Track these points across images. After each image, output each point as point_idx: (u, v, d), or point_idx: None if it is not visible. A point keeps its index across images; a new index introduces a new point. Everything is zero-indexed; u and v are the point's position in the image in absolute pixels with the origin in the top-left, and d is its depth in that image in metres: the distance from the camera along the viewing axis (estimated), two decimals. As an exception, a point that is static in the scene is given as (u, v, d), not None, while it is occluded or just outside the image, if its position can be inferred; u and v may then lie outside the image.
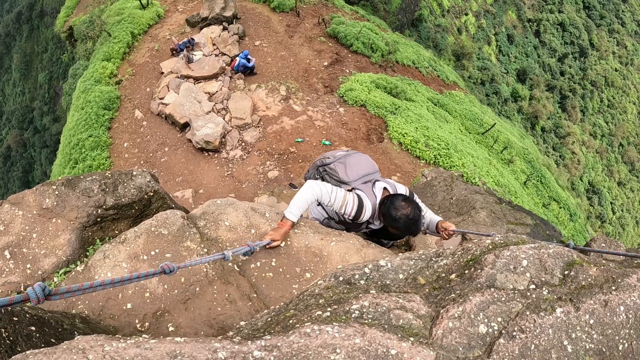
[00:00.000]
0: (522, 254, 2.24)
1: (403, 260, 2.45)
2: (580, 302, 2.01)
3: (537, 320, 1.92)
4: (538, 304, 2.00)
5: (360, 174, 5.39)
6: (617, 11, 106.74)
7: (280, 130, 19.25)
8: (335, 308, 2.01)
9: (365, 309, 2.00)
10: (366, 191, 5.15)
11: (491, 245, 2.39)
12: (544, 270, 2.20)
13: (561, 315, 1.95)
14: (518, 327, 1.90)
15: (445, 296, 2.11)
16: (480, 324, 1.93)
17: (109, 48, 25.02)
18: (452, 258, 2.43)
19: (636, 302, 2.04)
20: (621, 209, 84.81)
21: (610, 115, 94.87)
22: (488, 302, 2.00)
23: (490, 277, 2.14)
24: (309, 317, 1.96)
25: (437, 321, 1.96)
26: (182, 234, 4.49)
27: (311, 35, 26.61)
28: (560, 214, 26.11)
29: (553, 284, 2.15)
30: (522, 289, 2.10)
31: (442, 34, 66.46)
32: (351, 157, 5.57)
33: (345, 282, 2.32)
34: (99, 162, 18.65)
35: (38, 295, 2.28)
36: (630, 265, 2.41)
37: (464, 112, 27.88)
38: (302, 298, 2.29)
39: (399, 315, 1.96)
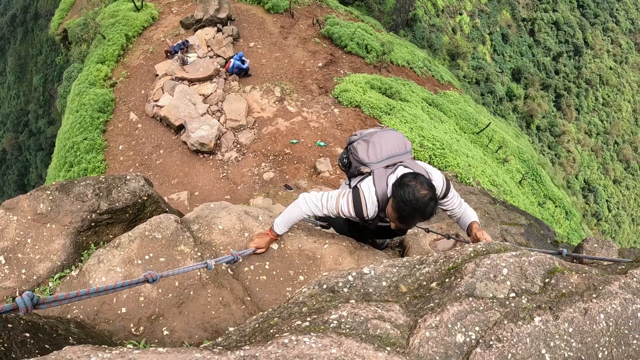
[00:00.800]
0: (503, 262, 2.27)
1: (386, 268, 2.47)
2: (560, 311, 2.03)
3: (514, 329, 1.94)
4: (516, 313, 2.02)
5: (384, 154, 4.53)
6: (611, 9, 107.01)
7: (275, 131, 19.26)
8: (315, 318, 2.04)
9: (343, 319, 2.02)
10: (379, 179, 4.31)
11: (473, 253, 2.42)
12: (525, 278, 2.23)
13: (539, 324, 1.97)
14: (495, 336, 1.92)
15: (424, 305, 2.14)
16: (457, 333, 1.95)
17: (103, 50, 25.00)
18: (434, 266, 2.45)
19: (617, 310, 2.06)
20: (617, 207, 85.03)
21: (605, 114, 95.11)
22: (466, 311, 2.03)
23: (469, 286, 2.17)
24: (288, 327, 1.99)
25: (415, 331, 1.98)
26: (176, 238, 4.52)
27: (305, 36, 26.63)
28: (555, 213, 26.14)
29: (533, 292, 2.18)
30: (502, 297, 2.13)
31: (436, 34, 66.54)
32: (378, 135, 4.75)
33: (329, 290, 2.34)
34: (94, 165, 18.64)
35: (27, 304, 2.31)
36: (614, 270, 2.43)
37: (458, 112, 27.93)
38: (287, 306, 2.32)
39: (376, 325, 1.99)
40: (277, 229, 4.74)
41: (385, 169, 4.39)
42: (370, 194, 4.25)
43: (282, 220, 4.73)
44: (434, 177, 4.31)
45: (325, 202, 4.49)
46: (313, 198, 4.57)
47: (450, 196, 4.53)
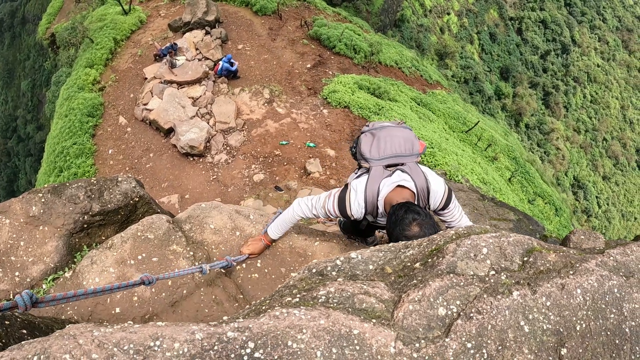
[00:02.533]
0: (483, 242, 2.34)
1: (373, 252, 2.54)
2: (538, 286, 2.11)
3: (494, 302, 2.02)
4: (496, 288, 2.10)
5: (387, 152, 4.21)
6: (598, 7, 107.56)
7: (264, 133, 19.29)
8: (304, 295, 2.12)
9: (331, 294, 2.10)
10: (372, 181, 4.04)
11: (455, 236, 2.49)
12: (504, 257, 2.30)
13: (518, 298, 2.05)
14: (475, 309, 2.00)
15: (408, 282, 2.21)
16: (439, 306, 2.03)
17: (91, 54, 24.95)
18: (418, 248, 2.53)
19: (593, 285, 2.15)
20: (607, 203, 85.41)
21: (594, 111, 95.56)
22: (447, 286, 2.11)
23: (450, 264, 2.24)
24: (279, 304, 2.06)
25: (399, 305, 2.06)
26: (168, 238, 4.56)
27: (294, 37, 26.67)
28: (545, 209, 26.26)
29: (512, 269, 2.25)
30: (482, 274, 2.20)
31: (424, 34, 66.67)
32: (387, 130, 4.44)
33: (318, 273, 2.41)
34: (83, 170, 18.61)
35: (26, 302, 2.36)
36: (592, 251, 2.51)
37: (447, 111, 28.01)
38: (279, 290, 2.39)
39: (362, 300, 2.06)
40: (271, 234, 4.72)
41: (384, 169, 4.11)
42: (357, 195, 4.05)
43: (276, 224, 4.69)
44: (433, 188, 4.03)
45: (315, 202, 4.36)
46: (305, 199, 4.46)
47: (452, 207, 4.24)
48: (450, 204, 4.16)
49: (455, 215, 4.27)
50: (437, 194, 4.02)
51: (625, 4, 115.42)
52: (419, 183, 3.94)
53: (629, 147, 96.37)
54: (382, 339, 1.87)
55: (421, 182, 3.96)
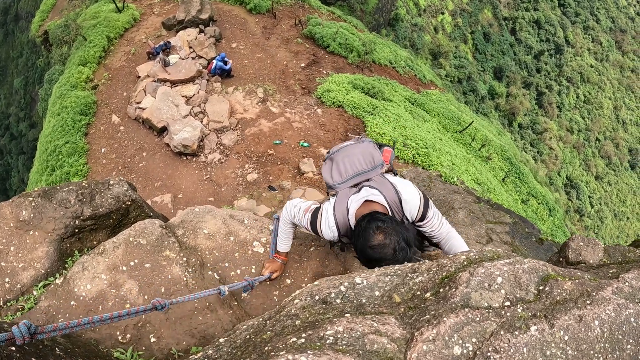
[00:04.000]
0: (497, 271, 2.26)
1: (379, 277, 2.45)
2: (555, 319, 2.03)
3: (511, 339, 1.94)
4: (512, 323, 2.02)
5: (350, 173, 4.08)
6: (592, 8, 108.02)
7: (258, 132, 19.23)
8: (310, 334, 2.01)
9: (339, 334, 2.00)
10: (339, 202, 3.90)
11: (466, 262, 2.40)
12: (519, 286, 2.21)
13: (535, 333, 1.97)
14: (492, 347, 1.92)
15: (420, 317, 2.12)
16: (454, 345, 1.94)
17: (84, 52, 24.84)
18: (427, 275, 2.43)
19: (611, 316, 2.07)
20: (599, 203, 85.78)
21: (587, 111, 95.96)
22: (462, 323, 2.01)
23: (464, 296, 2.15)
24: (284, 344, 1.96)
25: (412, 344, 1.97)
26: (161, 244, 4.49)
27: (288, 36, 26.61)
28: (539, 210, 26.30)
29: (528, 300, 2.17)
30: (497, 306, 2.11)
31: (418, 33, 66.75)
32: (343, 151, 4.30)
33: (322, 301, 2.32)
34: (76, 169, 18.51)
35: (23, 333, 2.22)
36: (605, 274, 2.44)
37: (441, 111, 28.03)
38: (279, 318, 2.29)
39: (373, 340, 1.97)
40: (280, 248, 4.62)
41: (350, 189, 3.94)
42: (327, 218, 3.90)
43: (280, 239, 4.59)
44: (405, 197, 3.79)
45: (297, 212, 4.24)
46: (290, 205, 4.35)
47: (430, 216, 3.94)
48: (428, 212, 3.91)
49: (435, 224, 4.00)
50: (410, 203, 3.80)
51: (618, 5, 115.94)
52: (389, 195, 3.77)
53: (622, 147, 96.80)
54: (396, 386, 1.80)
55: (391, 194, 3.79)
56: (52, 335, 2.36)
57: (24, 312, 3.83)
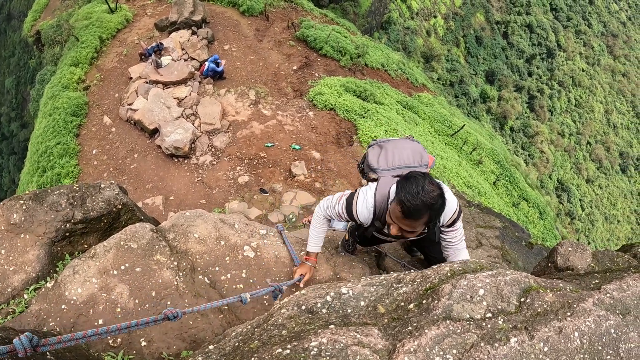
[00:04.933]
0: (479, 283, 2.30)
1: (364, 287, 2.49)
2: (535, 330, 2.07)
3: (491, 351, 1.97)
4: (493, 334, 2.05)
5: (396, 163, 4.14)
6: (584, 13, 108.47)
7: (250, 135, 19.24)
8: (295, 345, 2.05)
9: (323, 345, 2.04)
10: (382, 185, 3.97)
11: (450, 273, 2.44)
12: (501, 298, 2.25)
13: (515, 345, 2.01)
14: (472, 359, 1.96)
15: (403, 329, 2.16)
16: (435, 357, 1.97)
17: (76, 53, 24.79)
18: (411, 285, 2.47)
19: (591, 327, 2.11)
20: (590, 206, 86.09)
21: (578, 114, 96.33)
22: (443, 334, 2.05)
23: (446, 308, 2.19)
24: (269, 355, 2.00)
25: (394, 356, 2.01)
26: (152, 248, 4.51)
27: (280, 39, 26.62)
28: (529, 213, 26.40)
29: (509, 311, 2.21)
30: (479, 318, 2.15)
31: (411, 37, 66.83)
32: (394, 142, 4.41)
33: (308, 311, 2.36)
34: (67, 170, 18.47)
35: (25, 346, 2.21)
36: (588, 285, 2.48)
37: (433, 114, 28.10)
38: (266, 327, 2.33)
39: (356, 352, 2.00)
40: (311, 249, 4.71)
41: (393, 178, 3.96)
42: (366, 198, 4.00)
43: (311, 239, 4.70)
44: (448, 199, 3.72)
45: (329, 202, 4.40)
46: (322, 201, 4.53)
47: (457, 227, 4.05)
48: (457, 222, 4.01)
49: (458, 235, 4.11)
50: (448, 207, 3.79)
51: (610, 10, 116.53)
52: None
53: (613, 151, 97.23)
54: (377, 397, 1.84)
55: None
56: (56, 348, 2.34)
57: (15, 316, 3.84)
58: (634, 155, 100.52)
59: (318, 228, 4.65)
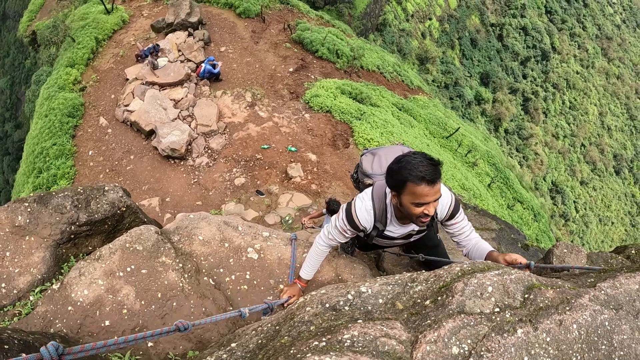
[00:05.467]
0: (488, 281, 2.47)
1: (382, 286, 2.63)
2: (539, 323, 2.24)
3: (501, 341, 2.14)
4: (502, 326, 2.22)
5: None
6: (578, 15, 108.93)
7: (246, 136, 19.27)
8: (329, 338, 2.22)
9: (355, 338, 2.20)
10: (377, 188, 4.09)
11: (460, 272, 2.59)
12: (507, 294, 2.43)
13: (522, 335, 2.18)
14: (485, 348, 2.12)
15: (422, 322, 2.34)
16: (453, 346, 2.15)
17: (72, 54, 24.77)
18: (425, 284, 2.63)
19: (587, 320, 2.29)
20: (584, 208, 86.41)
21: (572, 117, 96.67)
22: (459, 326, 2.23)
23: (460, 303, 2.36)
24: (307, 348, 2.14)
25: (417, 345, 2.18)
26: (157, 250, 4.55)
27: (277, 41, 26.66)
28: (524, 215, 26.51)
29: (515, 306, 2.38)
30: (488, 312, 2.33)
31: (406, 39, 66.97)
32: (385, 149, 4.64)
33: (332, 308, 2.50)
34: (63, 171, 18.46)
35: (52, 355, 2.28)
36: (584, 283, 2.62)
37: (428, 117, 28.17)
38: (294, 324, 2.44)
39: (384, 343, 2.18)
40: (304, 275, 4.70)
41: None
42: (364, 202, 4.07)
43: (307, 266, 4.69)
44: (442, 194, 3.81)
45: (329, 227, 4.38)
46: (323, 231, 4.49)
47: (460, 219, 4.12)
48: (458, 213, 4.09)
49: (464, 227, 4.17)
50: (442, 201, 3.94)
51: (605, 13, 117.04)
52: None
53: (607, 153, 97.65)
54: (406, 379, 1.98)
55: None
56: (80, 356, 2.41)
57: (21, 317, 3.87)
58: (628, 158, 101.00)
59: (317, 257, 4.65)
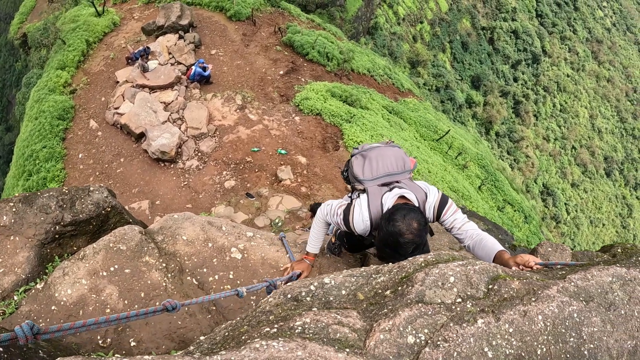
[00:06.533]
0: (450, 271, 2.46)
1: (345, 278, 2.64)
2: (501, 313, 2.22)
3: (459, 330, 2.13)
4: (461, 316, 2.21)
5: (380, 172, 4.26)
6: (569, 19, 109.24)
7: (236, 139, 19.28)
8: (282, 325, 2.22)
9: (307, 325, 2.20)
10: (373, 197, 4.06)
11: (423, 263, 2.60)
12: (470, 285, 2.42)
13: (482, 325, 2.16)
14: (442, 337, 2.11)
15: (379, 311, 2.32)
16: (408, 335, 2.14)
17: (63, 56, 24.72)
18: (388, 275, 2.63)
19: (554, 312, 2.26)
20: (575, 210, 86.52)
21: (563, 119, 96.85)
22: (416, 315, 2.22)
23: (419, 293, 2.35)
24: (258, 334, 2.15)
25: (370, 334, 2.17)
26: (141, 249, 4.58)
27: (267, 44, 26.68)
28: (515, 217, 26.60)
29: (478, 297, 2.37)
30: (449, 302, 2.31)
31: (397, 42, 67.00)
32: (376, 151, 4.49)
33: (293, 299, 2.51)
34: (53, 174, 18.44)
35: (26, 333, 2.29)
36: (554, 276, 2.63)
37: (418, 119, 28.23)
38: (255, 315, 2.46)
39: (336, 330, 2.17)
40: (310, 249, 4.85)
41: (380, 187, 4.14)
42: (361, 212, 4.04)
43: (311, 240, 4.83)
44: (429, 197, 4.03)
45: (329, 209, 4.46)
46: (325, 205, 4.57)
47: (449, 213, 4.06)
48: (445, 209, 4.05)
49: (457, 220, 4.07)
50: (429, 200, 4.03)
51: (595, 16, 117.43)
52: (419, 196, 3.99)
53: (597, 155, 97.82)
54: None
55: (420, 194, 4.02)
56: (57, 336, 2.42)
57: (5, 317, 3.89)
58: (618, 160, 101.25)
59: (318, 231, 4.77)
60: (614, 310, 2.38)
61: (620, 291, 2.45)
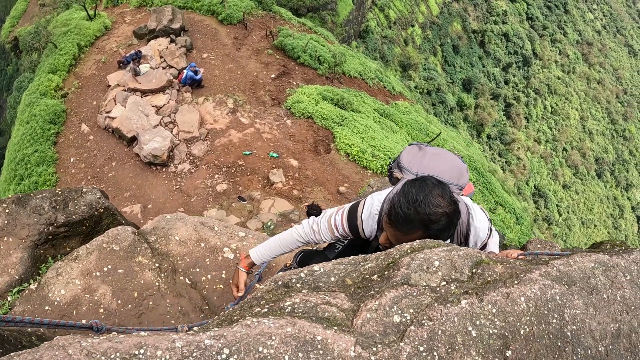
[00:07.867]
0: (435, 256, 2.53)
1: (335, 265, 2.70)
2: (484, 295, 2.29)
3: (443, 310, 2.20)
4: (446, 297, 2.29)
5: (428, 170, 3.44)
6: (559, 22, 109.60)
7: (228, 143, 19.31)
8: (272, 305, 2.31)
9: (296, 304, 2.28)
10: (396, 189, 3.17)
11: (409, 250, 2.66)
12: (454, 269, 2.49)
13: (466, 306, 2.23)
14: (427, 316, 2.18)
15: (366, 293, 2.40)
16: (394, 314, 2.21)
17: (54, 60, 24.71)
18: (375, 262, 2.69)
19: (536, 294, 2.33)
20: (567, 211, 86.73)
21: (554, 121, 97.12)
22: (401, 296, 2.29)
23: (405, 276, 2.42)
24: (250, 314, 2.22)
25: (358, 313, 2.25)
26: (134, 250, 4.61)
27: (259, 47, 26.71)
28: (506, 218, 26.66)
29: (462, 280, 2.45)
30: (434, 285, 2.39)
31: (388, 45, 67.11)
32: (437, 149, 3.74)
33: (284, 285, 2.57)
34: (45, 178, 18.44)
35: None
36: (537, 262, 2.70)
37: (410, 122, 28.27)
38: (247, 301, 2.53)
39: (324, 309, 2.25)
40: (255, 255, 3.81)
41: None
42: (373, 203, 3.36)
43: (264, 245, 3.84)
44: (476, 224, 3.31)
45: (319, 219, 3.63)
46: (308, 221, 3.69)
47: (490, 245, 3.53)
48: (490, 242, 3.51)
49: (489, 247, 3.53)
50: (478, 230, 3.33)
51: (585, 19, 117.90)
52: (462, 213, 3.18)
53: (588, 157, 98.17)
54: (343, 344, 2.03)
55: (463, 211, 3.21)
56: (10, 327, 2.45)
57: (-1, 317, 3.92)
58: (610, 161, 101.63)
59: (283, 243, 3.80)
60: (597, 294, 2.46)
61: (603, 276, 2.54)
